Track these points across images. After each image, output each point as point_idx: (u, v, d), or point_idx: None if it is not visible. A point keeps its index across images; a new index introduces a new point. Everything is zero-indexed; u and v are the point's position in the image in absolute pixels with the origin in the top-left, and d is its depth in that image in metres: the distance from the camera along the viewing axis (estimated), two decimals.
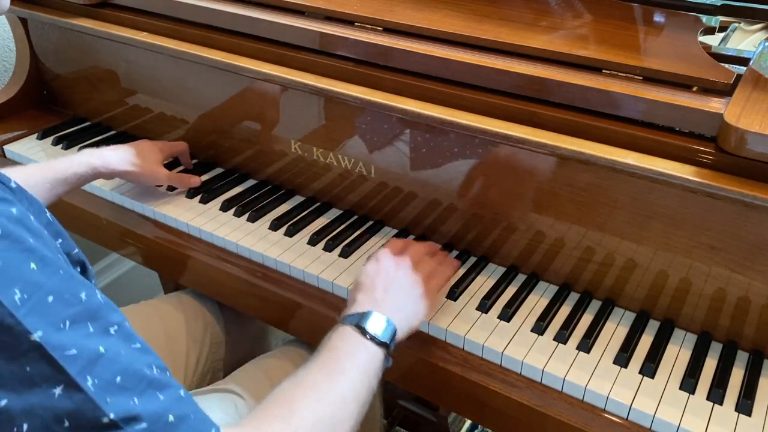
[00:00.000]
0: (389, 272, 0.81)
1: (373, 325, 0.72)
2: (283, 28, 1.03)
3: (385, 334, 0.72)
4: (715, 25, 0.99)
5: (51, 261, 0.49)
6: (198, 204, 1.11)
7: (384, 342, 0.72)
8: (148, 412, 0.50)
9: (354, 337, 0.71)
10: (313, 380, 0.65)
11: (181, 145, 1.18)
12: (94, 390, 0.48)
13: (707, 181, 0.74)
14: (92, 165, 1.01)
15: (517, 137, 0.84)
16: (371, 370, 0.70)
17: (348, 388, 0.66)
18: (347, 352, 0.70)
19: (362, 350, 0.71)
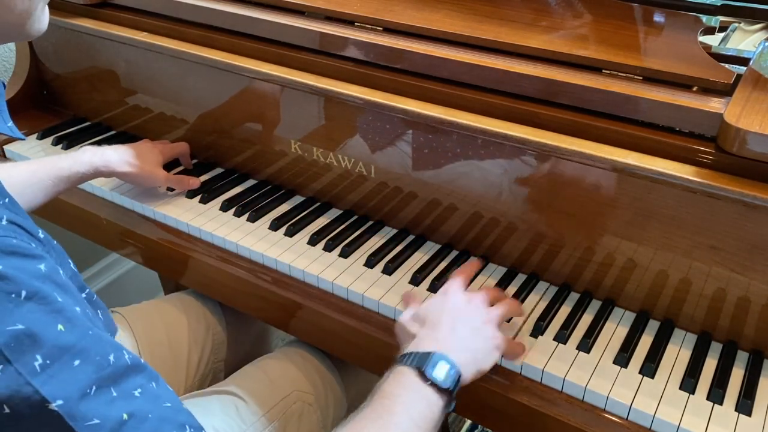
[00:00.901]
0: (458, 307, 0.74)
1: (437, 369, 0.66)
2: (283, 28, 1.03)
3: (448, 380, 0.66)
4: (715, 25, 0.99)
5: (80, 321, 0.48)
6: (198, 204, 1.11)
7: (447, 389, 0.66)
8: None
9: (413, 382, 0.65)
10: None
11: (181, 146, 1.18)
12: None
13: (707, 181, 0.74)
14: (94, 164, 1.01)
15: (517, 137, 0.84)
16: (429, 419, 0.64)
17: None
18: (404, 402, 0.64)
19: (421, 399, 0.65)
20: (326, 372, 1.01)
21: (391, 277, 0.95)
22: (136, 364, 0.51)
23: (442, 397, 0.66)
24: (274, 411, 0.93)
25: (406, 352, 0.69)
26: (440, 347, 0.68)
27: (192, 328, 1.07)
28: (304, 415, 0.95)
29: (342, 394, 1.03)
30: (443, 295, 0.77)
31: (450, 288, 0.78)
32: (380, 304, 0.91)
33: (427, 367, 0.66)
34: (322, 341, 0.98)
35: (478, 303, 0.76)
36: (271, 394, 0.94)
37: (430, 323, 0.72)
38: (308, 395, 0.96)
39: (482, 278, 0.95)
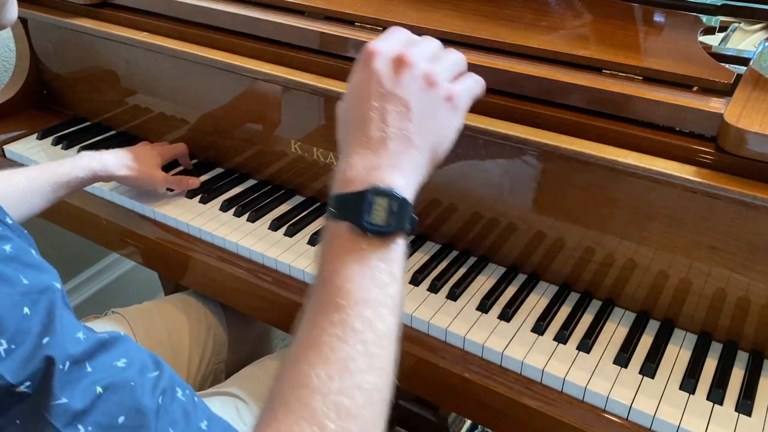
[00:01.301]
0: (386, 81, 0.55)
1: (375, 214, 0.51)
2: (283, 28, 1.03)
3: (393, 221, 0.52)
4: (715, 25, 0.99)
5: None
6: (198, 204, 1.11)
7: (393, 231, 0.53)
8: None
9: (355, 247, 0.51)
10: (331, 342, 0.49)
11: (179, 147, 1.18)
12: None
13: (707, 181, 0.74)
14: (93, 169, 1.01)
15: (517, 137, 0.84)
16: (386, 281, 0.52)
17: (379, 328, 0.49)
18: (360, 275, 0.50)
19: (367, 267, 0.51)
20: None
21: None
22: (114, 337, 0.48)
23: (389, 243, 0.52)
24: None
25: (336, 193, 0.55)
26: (375, 171, 0.53)
27: (193, 328, 1.07)
28: None
29: None
30: (365, 62, 0.58)
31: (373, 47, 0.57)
32: None
33: (362, 215, 0.51)
34: None
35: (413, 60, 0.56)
36: None
37: (357, 121, 0.55)
38: None
39: (482, 278, 0.95)
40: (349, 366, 0.47)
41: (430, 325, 0.87)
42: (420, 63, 0.58)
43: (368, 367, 0.48)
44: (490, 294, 0.91)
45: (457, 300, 0.91)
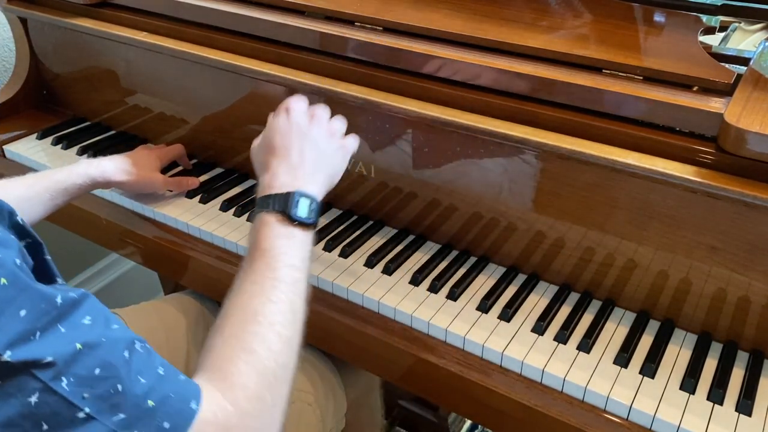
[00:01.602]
0: (302, 126, 0.77)
1: (299, 208, 0.71)
2: (283, 28, 1.03)
3: (312, 215, 0.72)
4: (715, 25, 0.99)
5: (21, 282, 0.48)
6: (198, 204, 1.11)
7: (311, 223, 0.72)
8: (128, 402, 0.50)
9: (281, 228, 0.70)
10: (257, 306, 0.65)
11: (177, 148, 1.18)
12: (69, 390, 0.48)
13: (707, 181, 0.74)
14: (90, 176, 1.01)
15: (517, 137, 0.84)
16: (304, 257, 0.71)
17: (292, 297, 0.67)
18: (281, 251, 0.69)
19: (292, 243, 0.70)
20: (326, 372, 1.01)
21: (391, 277, 0.95)
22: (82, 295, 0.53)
23: (308, 231, 0.71)
24: None
25: (266, 194, 0.73)
26: (297, 181, 0.73)
27: (191, 328, 1.07)
28: (304, 415, 0.95)
29: (342, 395, 1.03)
30: (286, 115, 0.78)
31: (291, 106, 0.79)
32: (380, 304, 0.91)
33: (291, 209, 0.70)
34: (322, 342, 0.98)
35: (320, 117, 0.79)
36: None
37: (280, 150, 0.75)
38: (308, 395, 0.96)
39: (482, 278, 0.95)
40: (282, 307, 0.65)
41: (430, 325, 0.87)
42: (324, 120, 0.81)
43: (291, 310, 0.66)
44: (490, 294, 0.91)
45: (457, 300, 0.91)
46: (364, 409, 1.15)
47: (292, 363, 0.64)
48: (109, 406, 0.49)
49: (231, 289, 0.67)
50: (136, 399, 0.51)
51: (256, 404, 0.59)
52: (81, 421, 0.48)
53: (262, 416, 0.59)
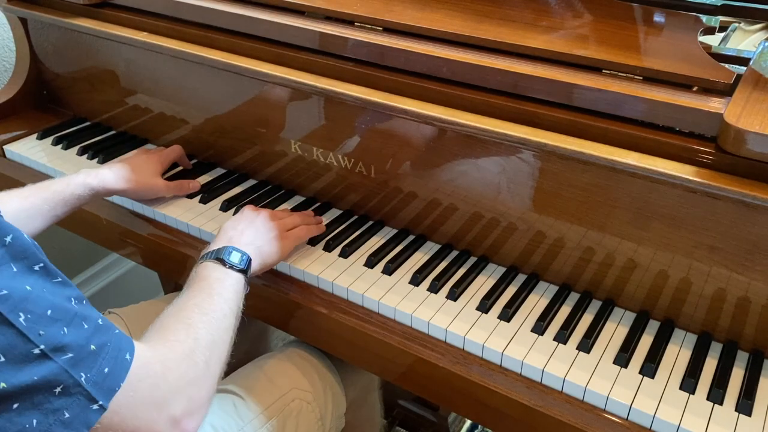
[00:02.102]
0: (246, 218, 0.94)
1: (232, 256, 0.84)
2: (283, 28, 1.03)
3: (242, 263, 0.85)
4: (715, 25, 0.99)
5: None
6: (198, 204, 1.11)
7: (242, 269, 0.84)
8: (75, 343, 0.56)
9: (217, 268, 0.83)
10: (196, 303, 0.76)
11: (176, 149, 1.18)
12: (26, 325, 0.52)
13: (707, 181, 0.74)
14: (89, 186, 1.00)
15: (517, 137, 0.84)
16: (238, 292, 0.82)
17: (224, 306, 0.78)
18: (216, 279, 0.81)
19: (227, 277, 0.82)
20: (325, 371, 1.01)
21: (391, 277, 0.95)
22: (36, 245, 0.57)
23: (239, 276, 0.84)
24: (272, 409, 0.93)
25: (203, 253, 0.87)
26: (230, 243, 0.87)
27: None
28: (303, 414, 0.95)
29: (341, 394, 1.03)
30: (238, 214, 0.96)
31: (244, 209, 0.98)
32: (380, 304, 0.91)
33: (225, 256, 0.84)
34: (322, 341, 0.98)
35: (264, 215, 0.96)
36: (270, 392, 0.94)
37: (225, 228, 0.92)
38: (307, 393, 0.96)
39: (482, 278, 0.95)
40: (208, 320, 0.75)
41: (430, 325, 0.87)
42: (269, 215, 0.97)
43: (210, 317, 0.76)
44: (490, 294, 0.91)
45: (457, 300, 0.91)
46: (363, 408, 1.15)
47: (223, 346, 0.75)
48: (60, 345, 0.54)
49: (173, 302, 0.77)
50: (81, 341, 0.56)
51: (187, 360, 0.68)
52: (35, 357, 0.52)
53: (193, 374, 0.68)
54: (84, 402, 0.56)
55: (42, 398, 0.53)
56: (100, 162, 1.22)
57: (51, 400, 0.54)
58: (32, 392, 0.53)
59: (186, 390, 0.66)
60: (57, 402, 0.54)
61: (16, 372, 0.52)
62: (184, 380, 0.66)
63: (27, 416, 0.53)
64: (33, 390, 0.53)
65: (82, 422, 0.56)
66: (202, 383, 0.68)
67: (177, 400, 0.64)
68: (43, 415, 0.53)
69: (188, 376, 0.67)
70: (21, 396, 0.52)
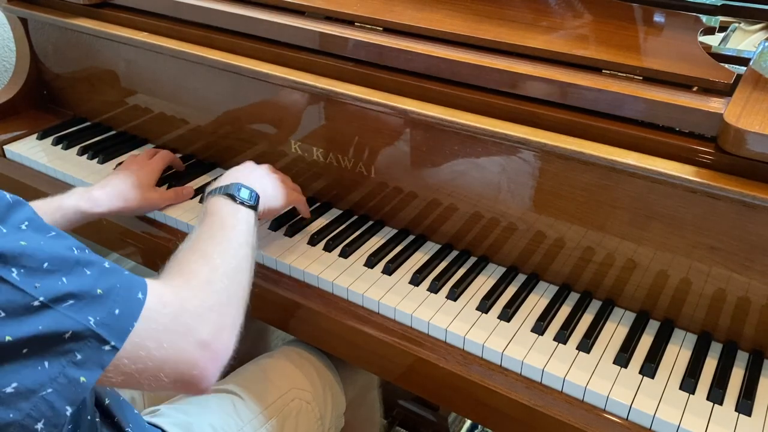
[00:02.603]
0: (249, 165, 0.95)
1: (241, 192, 0.85)
2: (283, 28, 1.03)
3: (252, 198, 0.85)
4: (715, 25, 0.99)
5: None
6: (198, 204, 1.11)
7: (252, 205, 0.85)
8: (77, 290, 0.56)
9: (227, 203, 0.83)
10: (211, 234, 0.78)
11: (167, 155, 1.15)
12: (20, 279, 0.53)
13: (707, 181, 0.74)
14: (80, 210, 0.97)
15: (517, 137, 0.84)
16: (250, 225, 0.82)
17: (239, 236, 0.79)
18: (228, 213, 0.82)
19: (238, 211, 0.83)
20: (325, 371, 1.01)
21: (391, 277, 0.95)
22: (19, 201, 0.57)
23: (250, 211, 0.84)
24: (272, 408, 0.93)
25: (212, 187, 0.86)
26: (238, 181, 0.86)
27: None
28: (302, 413, 0.95)
29: (341, 393, 1.03)
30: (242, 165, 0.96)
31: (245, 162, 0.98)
32: (380, 304, 0.91)
33: (234, 191, 0.84)
34: (322, 341, 0.98)
35: (266, 165, 0.98)
36: (269, 392, 0.94)
37: (230, 172, 0.92)
38: (306, 393, 0.96)
39: (482, 278, 0.95)
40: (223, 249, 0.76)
41: (430, 325, 0.87)
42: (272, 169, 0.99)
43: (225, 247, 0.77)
44: (490, 294, 0.91)
45: (457, 300, 0.91)
46: (362, 408, 1.15)
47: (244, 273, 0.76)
48: (60, 294, 0.55)
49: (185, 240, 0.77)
50: (84, 287, 0.56)
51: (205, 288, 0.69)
52: (36, 308, 0.53)
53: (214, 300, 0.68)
54: (95, 344, 0.56)
55: (52, 343, 0.54)
56: (100, 162, 1.22)
57: (61, 344, 0.55)
58: (40, 341, 0.54)
59: (208, 315, 0.66)
60: (67, 345, 0.55)
61: (20, 324, 0.53)
62: (205, 306, 0.67)
63: (37, 360, 0.54)
64: (41, 339, 0.54)
65: (95, 363, 0.56)
66: (225, 309, 0.69)
67: (202, 325, 0.65)
68: (54, 356, 0.54)
69: (208, 302, 0.67)
70: (28, 344, 0.53)
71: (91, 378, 0.56)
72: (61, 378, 0.55)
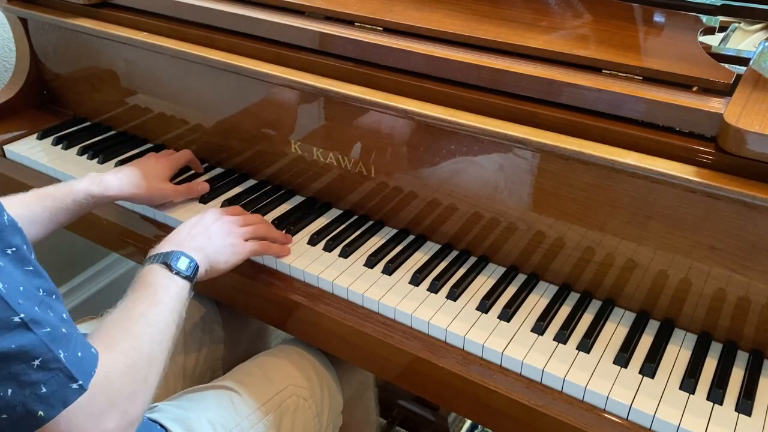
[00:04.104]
0: (203, 221, 0.92)
1: (178, 262, 0.83)
2: (283, 28, 1.03)
3: (189, 269, 0.83)
4: (715, 25, 0.99)
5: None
6: (198, 204, 1.11)
7: (188, 276, 0.83)
8: (49, 321, 0.56)
9: (163, 273, 0.81)
10: (141, 312, 0.75)
11: (185, 154, 1.16)
12: (6, 292, 0.53)
13: (707, 181, 0.74)
14: (91, 193, 0.98)
15: (517, 137, 0.84)
16: (181, 299, 0.80)
17: (167, 316, 0.77)
18: (162, 286, 0.79)
19: (172, 284, 0.80)
20: (323, 369, 1.01)
21: (391, 277, 0.95)
22: (15, 227, 0.58)
23: (186, 282, 0.82)
24: (270, 404, 0.93)
25: (151, 254, 0.84)
26: (179, 248, 0.85)
27: (188, 327, 1.07)
28: (299, 410, 0.95)
29: (338, 391, 1.03)
30: (199, 215, 0.94)
31: (208, 210, 0.96)
32: (380, 304, 0.91)
33: (172, 261, 0.82)
34: (322, 341, 0.98)
35: (223, 221, 0.93)
36: (267, 388, 0.94)
37: (178, 231, 0.90)
38: (304, 390, 0.97)
39: (482, 278, 0.95)
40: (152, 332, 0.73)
41: (430, 325, 0.87)
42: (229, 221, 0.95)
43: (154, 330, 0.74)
44: (490, 294, 0.91)
45: (457, 300, 0.91)
46: (359, 407, 1.16)
47: (161, 363, 0.73)
48: (37, 319, 0.55)
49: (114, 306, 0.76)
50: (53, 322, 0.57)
51: (129, 374, 0.67)
52: (16, 325, 0.53)
53: (131, 388, 0.66)
54: (63, 379, 0.56)
55: (19, 369, 0.53)
56: (100, 162, 1.22)
57: (28, 372, 0.54)
58: (9, 360, 0.53)
59: (123, 404, 0.64)
60: (35, 375, 0.54)
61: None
62: (123, 394, 0.64)
63: (3, 385, 0.53)
64: (10, 358, 0.53)
65: (59, 399, 0.55)
66: (139, 398, 0.67)
67: (112, 414, 0.62)
68: (18, 386, 0.53)
69: (127, 390, 0.65)
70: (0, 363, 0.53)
71: (48, 414, 0.55)
72: (20, 408, 0.54)
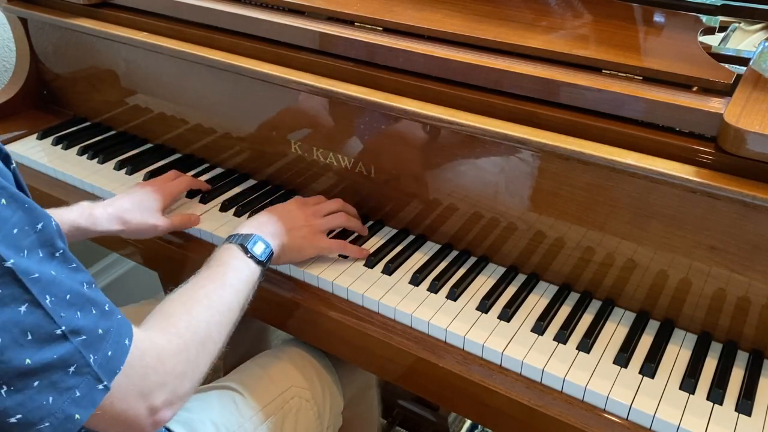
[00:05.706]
0: (285, 209, 0.95)
1: (255, 246, 0.85)
2: (283, 28, 1.03)
3: (263, 254, 0.86)
4: (715, 25, 0.99)
5: (18, 197, 0.56)
6: (198, 204, 1.11)
7: (262, 261, 0.85)
8: (87, 327, 0.58)
9: (238, 255, 0.84)
10: (206, 292, 0.77)
11: (184, 182, 1.09)
12: (51, 307, 0.56)
13: (707, 181, 0.74)
14: (79, 226, 0.94)
15: (517, 137, 0.84)
16: (250, 283, 0.83)
17: (233, 298, 0.79)
18: (233, 267, 0.82)
19: (245, 267, 0.83)
20: (323, 370, 1.01)
21: (391, 277, 0.95)
22: (60, 231, 0.59)
23: (258, 266, 0.85)
24: (272, 406, 0.93)
25: (232, 234, 0.88)
26: (258, 231, 0.88)
27: None
28: (302, 411, 0.95)
29: (339, 392, 1.03)
30: (286, 202, 0.98)
31: (293, 199, 1.00)
32: (380, 304, 0.91)
33: (248, 243, 0.85)
34: (322, 341, 0.98)
35: (307, 211, 0.97)
36: (269, 390, 0.95)
37: (261, 215, 0.93)
38: (305, 391, 0.97)
39: (482, 278, 0.95)
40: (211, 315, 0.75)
41: (430, 325, 0.87)
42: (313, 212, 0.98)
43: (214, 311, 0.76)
44: (490, 294, 0.91)
45: (457, 300, 0.91)
46: (360, 407, 1.16)
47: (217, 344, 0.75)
48: (76, 328, 0.57)
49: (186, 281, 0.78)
50: (91, 325, 0.59)
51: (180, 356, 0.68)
52: (57, 338, 0.56)
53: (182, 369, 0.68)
54: (92, 382, 0.58)
55: (58, 377, 0.56)
56: (100, 162, 1.22)
57: (65, 378, 0.57)
58: (51, 370, 0.56)
59: (172, 383, 0.67)
60: (70, 380, 0.57)
61: (39, 350, 0.55)
62: (173, 374, 0.67)
63: (45, 394, 0.56)
64: (52, 368, 0.56)
65: (90, 401, 0.58)
66: (188, 378, 0.69)
67: (161, 392, 0.65)
68: (58, 393, 0.56)
69: (177, 371, 0.68)
70: (41, 373, 0.55)
71: (84, 415, 0.58)
72: (59, 413, 0.57)
